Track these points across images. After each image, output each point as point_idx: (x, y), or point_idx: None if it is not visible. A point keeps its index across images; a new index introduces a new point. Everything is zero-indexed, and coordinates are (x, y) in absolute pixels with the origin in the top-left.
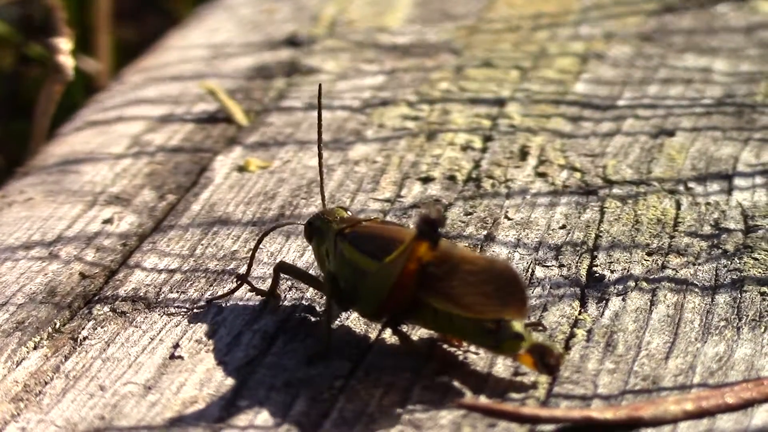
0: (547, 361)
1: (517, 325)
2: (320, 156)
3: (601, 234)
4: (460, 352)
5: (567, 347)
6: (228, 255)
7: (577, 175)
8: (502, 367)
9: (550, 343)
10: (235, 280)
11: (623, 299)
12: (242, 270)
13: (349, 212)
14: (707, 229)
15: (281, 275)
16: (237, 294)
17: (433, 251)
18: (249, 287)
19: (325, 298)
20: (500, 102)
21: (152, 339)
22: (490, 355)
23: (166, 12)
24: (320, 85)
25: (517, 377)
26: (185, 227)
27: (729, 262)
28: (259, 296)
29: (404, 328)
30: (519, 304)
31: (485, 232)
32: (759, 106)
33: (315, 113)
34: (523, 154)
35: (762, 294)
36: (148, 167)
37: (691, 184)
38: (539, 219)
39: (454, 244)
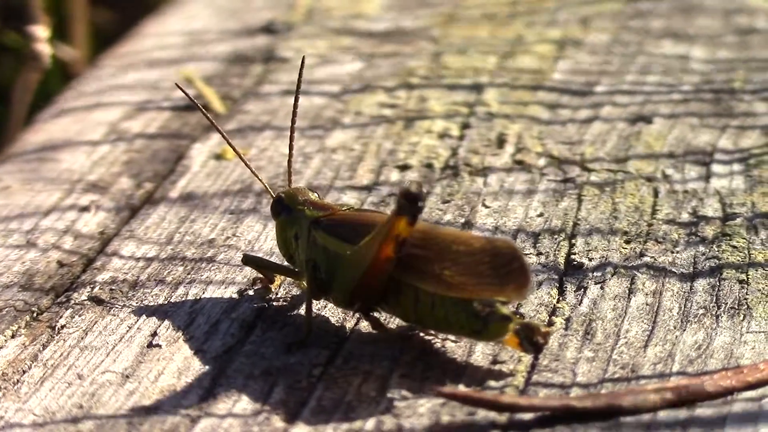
0: (534, 339)
1: (504, 309)
2: (292, 131)
3: (579, 222)
4: (438, 341)
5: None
6: (205, 243)
7: (555, 162)
8: (480, 355)
9: (536, 322)
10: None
11: (602, 287)
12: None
13: (315, 194)
14: (685, 217)
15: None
16: (215, 281)
17: (411, 226)
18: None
19: (303, 285)
20: (478, 89)
21: (130, 327)
22: (468, 343)
23: None
24: (303, 57)
25: (496, 365)
26: (163, 215)
27: (707, 250)
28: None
29: (381, 317)
30: (520, 282)
31: (463, 220)
32: (737, 93)
33: (292, 101)
34: (501, 141)
35: (740, 282)
36: (125, 155)
37: (668, 172)
38: (517, 207)
39: (443, 227)
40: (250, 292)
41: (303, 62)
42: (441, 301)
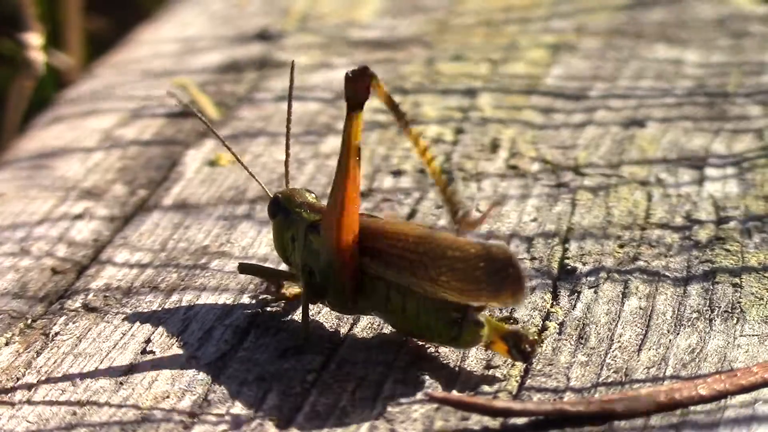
0: (522, 347)
1: (478, 315)
2: (288, 133)
3: (572, 226)
4: (431, 346)
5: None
6: (199, 249)
7: (549, 167)
8: (474, 360)
9: (524, 330)
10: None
11: (595, 291)
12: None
13: (313, 194)
14: (679, 221)
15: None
16: (209, 288)
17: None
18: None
19: (300, 290)
20: (471, 94)
21: (124, 334)
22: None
23: (138, 6)
24: (293, 62)
25: (490, 370)
26: (156, 222)
27: (701, 254)
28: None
29: (377, 323)
30: (516, 288)
31: (457, 226)
32: (730, 97)
33: (286, 107)
34: (494, 146)
35: (734, 285)
36: (119, 162)
37: (662, 176)
38: (511, 212)
39: (439, 231)
40: (266, 296)
41: (293, 67)
42: (413, 302)
